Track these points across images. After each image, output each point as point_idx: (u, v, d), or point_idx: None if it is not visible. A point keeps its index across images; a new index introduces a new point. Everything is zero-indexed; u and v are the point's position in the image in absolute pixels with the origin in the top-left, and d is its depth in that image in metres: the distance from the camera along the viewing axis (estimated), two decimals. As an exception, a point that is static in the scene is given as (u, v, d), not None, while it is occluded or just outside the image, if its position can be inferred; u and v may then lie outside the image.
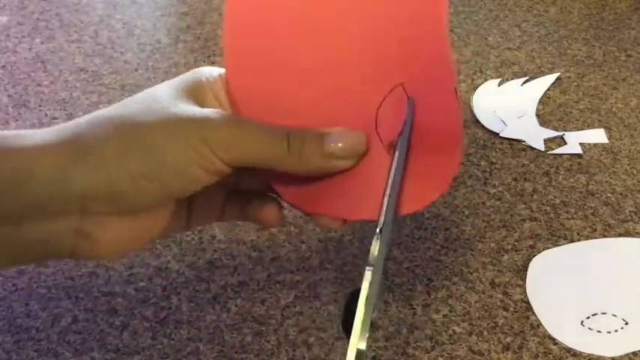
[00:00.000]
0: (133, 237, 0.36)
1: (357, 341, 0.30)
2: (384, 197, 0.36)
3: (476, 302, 0.44)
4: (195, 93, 0.37)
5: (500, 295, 0.44)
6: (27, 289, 0.45)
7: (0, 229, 0.33)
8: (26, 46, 0.68)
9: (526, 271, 0.46)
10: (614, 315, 0.43)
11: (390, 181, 0.36)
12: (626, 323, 0.42)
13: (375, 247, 0.33)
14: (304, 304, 0.44)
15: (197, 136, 0.34)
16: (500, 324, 0.43)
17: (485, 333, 0.42)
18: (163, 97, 0.36)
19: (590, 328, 0.42)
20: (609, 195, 0.52)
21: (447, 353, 0.41)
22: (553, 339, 0.42)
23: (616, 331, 0.42)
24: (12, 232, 0.33)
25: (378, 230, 0.34)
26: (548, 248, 0.47)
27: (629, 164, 0.55)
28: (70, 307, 0.44)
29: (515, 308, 0.44)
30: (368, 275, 0.32)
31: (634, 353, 0.41)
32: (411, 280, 0.45)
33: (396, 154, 0.37)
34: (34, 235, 0.34)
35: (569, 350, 0.41)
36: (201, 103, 0.37)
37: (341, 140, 0.37)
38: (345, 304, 0.32)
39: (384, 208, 0.35)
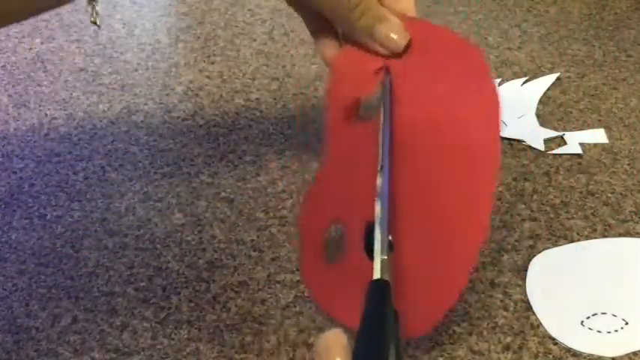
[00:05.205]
0: None
1: (381, 254, 0.35)
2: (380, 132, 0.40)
3: (476, 302, 0.44)
4: None
5: (500, 295, 0.44)
6: (27, 289, 0.45)
7: None
8: (26, 46, 0.68)
9: (526, 271, 0.46)
10: (614, 315, 0.43)
11: (382, 114, 0.40)
12: (626, 323, 0.42)
13: (380, 182, 0.38)
14: (304, 304, 0.44)
15: None
16: (500, 324, 0.43)
17: (485, 333, 0.42)
18: None
19: (590, 328, 0.42)
20: (609, 195, 0.52)
21: (447, 353, 0.41)
22: (553, 339, 0.42)
23: (616, 331, 0.42)
24: None
25: (378, 168, 0.38)
26: (548, 248, 0.47)
27: (629, 164, 0.55)
28: (70, 307, 0.44)
29: (515, 308, 0.44)
30: (377, 205, 0.37)
31: (634, 353, 0.41)
32: (411, 280, 0.45)
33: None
34: None
35: (569, 350, 0.41)
36: None
37: (392, 31, 0.41)
38: (364, 234, 0.38)
39: (382, 150, 0.39)
